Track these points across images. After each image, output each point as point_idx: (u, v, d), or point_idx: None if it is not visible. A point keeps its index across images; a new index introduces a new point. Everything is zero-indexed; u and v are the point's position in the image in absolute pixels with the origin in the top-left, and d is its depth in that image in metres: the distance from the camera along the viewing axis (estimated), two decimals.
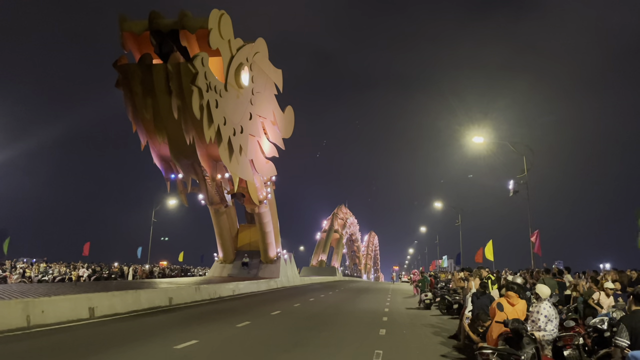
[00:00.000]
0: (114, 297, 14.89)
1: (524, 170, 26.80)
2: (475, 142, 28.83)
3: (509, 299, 7.35)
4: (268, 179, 33.39)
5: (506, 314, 6.97)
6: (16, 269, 33.58)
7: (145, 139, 24.19)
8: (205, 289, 21.71)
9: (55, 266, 35.69)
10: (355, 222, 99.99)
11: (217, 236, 36.58)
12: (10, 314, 10.89)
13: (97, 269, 38.60)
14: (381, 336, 12.33)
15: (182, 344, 9.85)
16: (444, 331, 13.49)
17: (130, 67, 21.96)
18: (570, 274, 15.58)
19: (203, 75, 22.01)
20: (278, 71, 31.15)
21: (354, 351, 10.24)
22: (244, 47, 26.18)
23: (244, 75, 25.88)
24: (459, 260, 46.83)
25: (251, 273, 36.08)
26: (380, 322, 15.37)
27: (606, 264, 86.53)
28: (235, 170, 26.57)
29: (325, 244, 78.56)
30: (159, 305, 17.13)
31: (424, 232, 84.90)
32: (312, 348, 10.43)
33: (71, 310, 12.76)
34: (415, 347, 11.11)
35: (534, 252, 24.58)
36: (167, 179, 27.09)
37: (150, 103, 22.45)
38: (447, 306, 18.98)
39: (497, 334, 6.90)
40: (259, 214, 34.14)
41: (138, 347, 9.64)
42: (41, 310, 11.74)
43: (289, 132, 33.16)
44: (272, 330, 13.00)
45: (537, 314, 7.37)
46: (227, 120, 24.68)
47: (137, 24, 22.37)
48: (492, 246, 31.91)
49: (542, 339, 7.13)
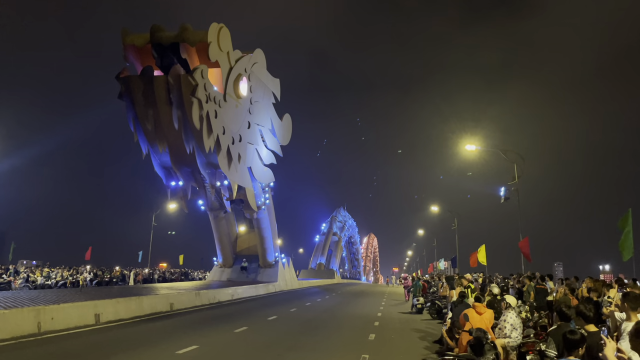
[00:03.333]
0: (118, 304, 15.66)
1: (515, 177, 27.56)
2: (468, 149, 29.61)
3: (476, 309, 8.14)
4: (266, 185, 34.21)
5: (471, 323, 7.76)
6: (19, 273, 34.28)
7: (146, 148, 24.98)
8: (205, 294, 22.48)
9: (58, 271, 36.42)
10: (354, 224, 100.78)
11: (217, 241, 37.39)
12: (24, 321, 11.68)
13: (99, 273, 39.41)
14: (370, 341, 13.12)
15: (184, 349, 10.63)
16: (430, 336, 14.26)
17: (133, 79, 22.77)
18: (552, 281, 16.34)
19: (203, 87, 22.82)
20: (276, 80, 31.99)
21: (342, 355, 11.02)
22: (243, 58, 27.02)
23: (242, 86, 26.73)
24: (455, 263, 47.58)
25: (250, 277, 36.87)
26: (372, 327, 16.14)
27: (606, 265, 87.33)
28: (234, 177, 27.38)
29: (324, 247, 79.31)
30: (160, 310, 17.90)
31: (422, 235, 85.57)
32: (304, 353, 11.21)
33: (79, 316, 13.55)
34: (401, 351, 11.89)
35: (527, 258, 25.29)
36: (168, 186, 27.92)
37: (152, 114, 23.27)
38: (437, 311, 19.74)
39: (465, 341, 7.69)
40: (258, 219, 34.94)
41: (143, 352, 10.42)
42: (51, 317, 12.53)
43: (286, 140, 33.99)
44: (267, 335, 13.77)
45: (503, 322, 8.15)
46: (226, 129, 25.50)
47: (139, 37, 23.17)
48: (485, 251, 32.60)
49: (508, 345, 7.91)
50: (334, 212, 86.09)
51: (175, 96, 22.62)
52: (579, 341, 4.45)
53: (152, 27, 22.69)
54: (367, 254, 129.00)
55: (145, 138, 24.36)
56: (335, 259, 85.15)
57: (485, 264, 33.28)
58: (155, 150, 25.13)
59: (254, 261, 38.09)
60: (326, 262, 79.68)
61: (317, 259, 77.33)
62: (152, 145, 24.71)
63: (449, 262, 58.83)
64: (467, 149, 29.84)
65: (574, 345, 4.44)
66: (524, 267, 26.25)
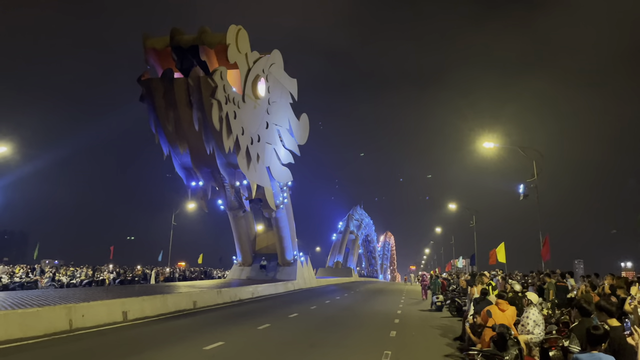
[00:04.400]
0: (144, 302, 16.08)
1: (534, 174, 27.43)
2: (486, 147, 29.53)
3: (499, 305, 8.27)
4: (284, 184, 34.53)
5: (494, 319, 7.90)
6: (44, 273, 35.12)
7: (167, 149, 25.44)
8: (227, 292, 22.85)
9: (82, 270, 37.25)
10: (370, 222, 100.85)
11: (236, 240, 37.86)
12: (56, 318, 12.11)
13: (121, 272, 40.21)
14: (391, 338, 13.29)
15: (210, 345, 10.94)
16: (451, 332, 14.38)
17: (153, 81, 23.23)
18: (572, 278, 16.31)
19: (222, 89, 23.17)
20: (293, 80, 32.25)
21: (365, 352, 11.21)
22: (260, 59, 27.32)
23: (260, 86, 27.04)
24: (474, 261, 47.38)
25: (269, 275, 37.25)
26: (392, 324, 16.29)
27: (627, 262, 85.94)
28: (253, 177, 27.72)
29: (341, 245, 79.58)
30: (184, 308, 18.29)
31: (440, 232, 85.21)
32: (327, 349, 11.42)
33: (107, 314, 13.98)
34: (422, 348, 12.05)
35: (542, 257, 25.22)
36: (189, 186, 28.40)
37: (172, 115, 23.72)
38: (457, 308, 19.82)
39: (488, 337, 7.83)
40: (276, 218, 35.30)
41: (171, 348, 10.75)
42: (82, 314, 12.95)
43: (304, 139, 34.25)
44: (290, 332, 14.04)
45: (526, 318, 8.27)
46: (245, 130, 25.84)
47: (159, 40, 23.59)
48: (504, 248, 32.51)
49: (530, 341, 8.03)
50: (350, 210, 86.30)
51: (195, 98, 23.01)
52: (602, 336, 4.58)
53: (172, 31, 23.09)
54: (384, 252, 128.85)
55: (166, 139, 24.82)
56: (352, 257, 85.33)
57: (504, 262, 33.20)
58: (176, 151, 25.61)
59: (272, 259, 38.46)
60: (343, 261, 79.94)
61: (334, 257, 77.63)
62: (173, 146, 25.19)
63: (468, 259, 58.64)
64: (485, 147, 29.83)
65: (598, 340, 4.57)
66: (543, 264, 26.18)
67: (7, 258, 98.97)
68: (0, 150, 30.65)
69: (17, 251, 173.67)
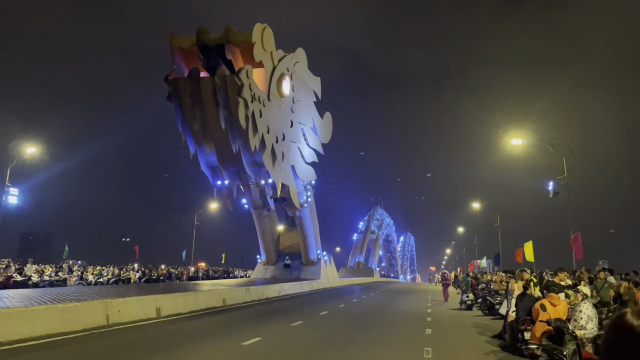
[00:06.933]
0: (176, 298, 16.14)
1: (564, 171, 26.90)
2: (514, 144, 29.07)
3: (551, 299, 8.02)
4: (308, 183, 34.44)
5: (549, 314, 7.65)
6: (72, 271, 35.63)
7: (194, 148, 25.56)
8: (254, 290, 22.85)
9: (109, 269, 37.68)
10: (391, 222, 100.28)
11: (260, 239, 37.89)
12: (94, 313, 12.19)
13: (147, 271, 40.58)
14: (427, 335, 13.07)
15: (249, 341, 10.88)
16: (488, 330, 14.10)
17: (180, 80, 23.35)
18: (612, 275, 15.87)
19: (248, 87, 23.18)
20: (317, 79, 32.17)
21: (405, 348, 11.04)
22: (285, 57, 27.28)
23: (285, 85, 27.00)
24: (498, 261, 46.70)
25: (293, 274, 37.20)
26: (425, 322, 16.07)
27: None
28: (277, 176, 27.69)
29: (363, 245, 79.26)
30: (214, 305, 18.32)
31: (462, 232, 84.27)
32: (365, 345, 11.28)
33: (142, 310, 14.04)
34: (462, 345, 11.82)
35: (574, 255, 24.67)
36: (214, 185, 28.50)
37: (199, 114, 23.82)
38: (489, 307, 19.47)
39: (540, 332, 7.59)
40: (300, 217, 35.24)
41: (211, 343, 10.73)
42: (118, 310, 13.03)
43: (327, 138, 34.13)
44: (324, 328, 13.92)
45: (579, 313, 8.00)
46: (270, 128, 25.83)
47: (185, 39, 23.70)
48: (532, 247, 31.88)
49: (584, 337, 7.76)
50: (371, 210, 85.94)
51: (221, 97, 23.06)
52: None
53: (198, 30, 23.17)
54: (404, 253, 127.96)
55: (192, 138, 24.92)
56: (373, 257, 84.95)
57: (532, 261, 32.56)
58: (202, 150, 25.71)
59: (296, 259, 38.40)
60: (364, 261, 79.60)
61: (355, 257, 77.35)
62: (199, 145, 25.29)
63: (491, 259, 57.81)
64: (512, 143, 29.36)
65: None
66: (575, 263, 25.60)
67: (32, 259, 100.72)
68: (30, 151, 31.29)
69: (42, 253, 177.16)
